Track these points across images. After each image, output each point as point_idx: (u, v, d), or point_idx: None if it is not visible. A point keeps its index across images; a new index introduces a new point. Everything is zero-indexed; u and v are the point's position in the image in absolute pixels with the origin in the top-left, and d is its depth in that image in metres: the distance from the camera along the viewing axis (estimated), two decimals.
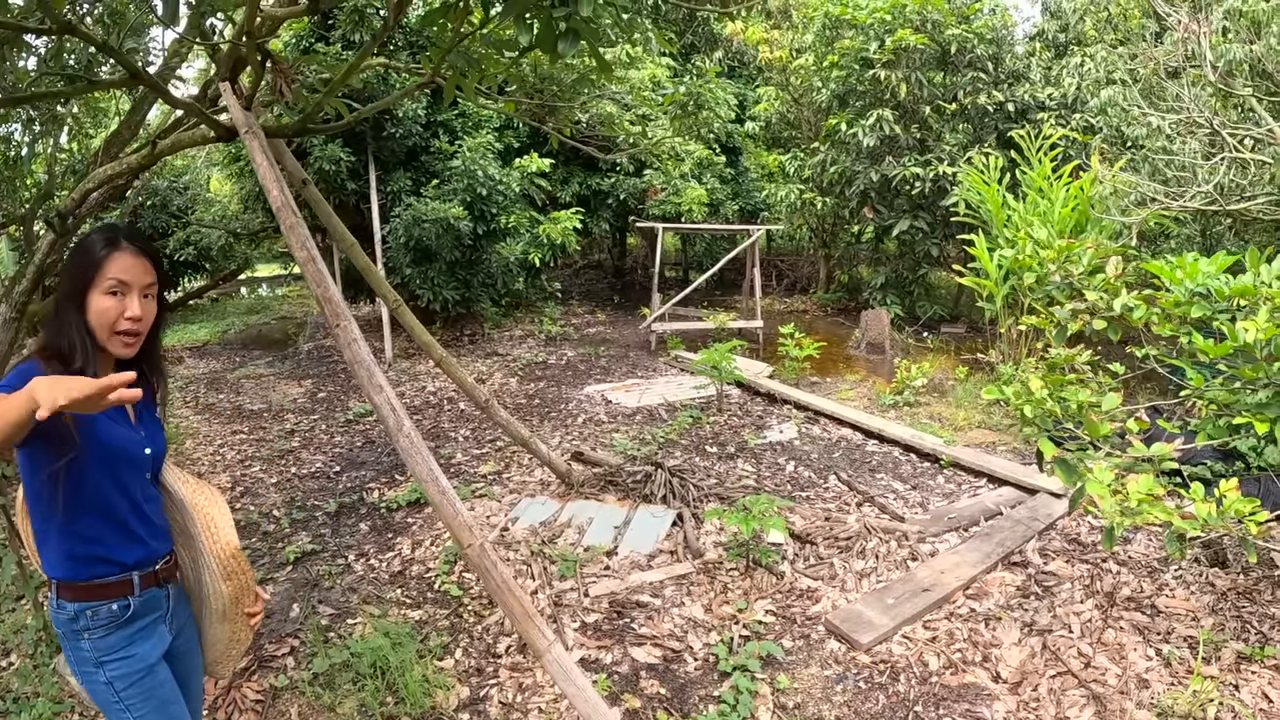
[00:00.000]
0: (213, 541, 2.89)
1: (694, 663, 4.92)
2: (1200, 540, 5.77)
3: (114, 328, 2.59)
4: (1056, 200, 11.50)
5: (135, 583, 2.69)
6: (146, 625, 2.74)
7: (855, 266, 20.32)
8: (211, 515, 2.91)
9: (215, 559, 2.90)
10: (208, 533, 2.89)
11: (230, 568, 2.94)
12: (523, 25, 3.17)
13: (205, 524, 2.89)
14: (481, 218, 14.18)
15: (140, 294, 2.64)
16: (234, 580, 2.96)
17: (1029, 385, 4.73)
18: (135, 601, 2.69)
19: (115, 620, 2.64)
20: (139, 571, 2.71)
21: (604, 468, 7.71)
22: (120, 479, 2.62)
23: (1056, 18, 18.98)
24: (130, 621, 2.68)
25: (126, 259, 2.61)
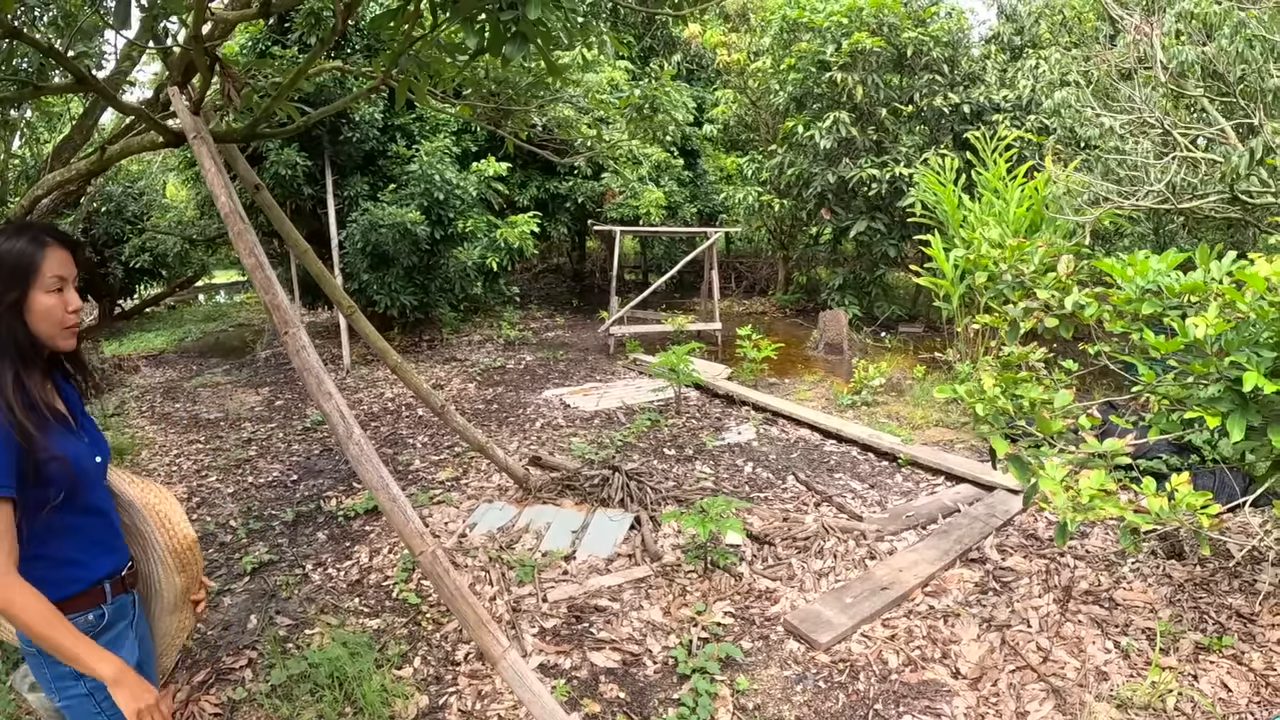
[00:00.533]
0: (169, 536, 2.91)
1: (653, 666, 4.91)
2: (1157, 532, 5.81)
3: (63, 322, 2.58)
4: (1011, 200, 11.59)
5: (107, 591, 2.70)
6: (119, 632, 2.74)
7: (813, 268, 20.40)
8: (165, 511, 2.93)
9: (171, 553, 2.92)
10: (163, 529, 2.90)
11: (186, 560, 2.98)
12: (470, 29, 3.15)
13: (159, 521, 2.91)
14: (439, 222, 14.11)
15: (72, 286, 2.63)
16: (188, 571, 3.00)
17: (982, 384, 4.76)
18: (109, 610, 2.70)
19: (92, 630, 2.61)
20: (110, 579, 2.72)
21: (562, 472, 7.68)
22: (85, 496, 2.62)
23: (1012, 21, 19.10)
24: (106, 630, 2.67)
25: (59, 254, 2.59)
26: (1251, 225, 9.07)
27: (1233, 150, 7.79)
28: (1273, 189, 7.62)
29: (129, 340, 18.51)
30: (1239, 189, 7.82)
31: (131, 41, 5.64)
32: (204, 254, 20.13)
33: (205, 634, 5.49)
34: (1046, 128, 14.22)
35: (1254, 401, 4.01)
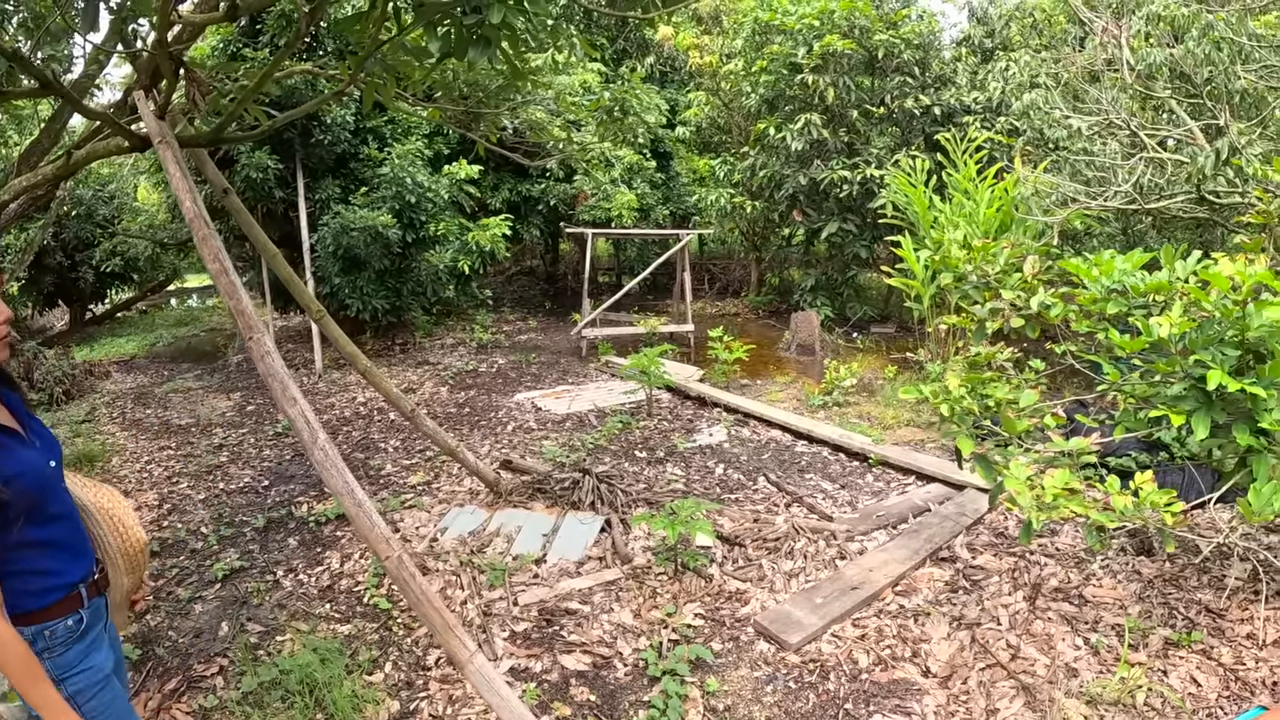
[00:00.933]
0: (123, 540, 2.91)
1: (624, 669, 4.92)
2: (1126, 529, 5.84)
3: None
4: (981, 201, 11.65)
5: (84, 595, 2.68)
6: (96, 636, 2.72)
7: (786, 269, 20.42)
8: (117, 514, 2.93)
9: (122, 555, 2.92)
10: (116, 532, 2.90)
11: (136, 562, 2.99)
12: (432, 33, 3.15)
13: (113, 524, 2.90)
14: (411, 225, 14.08)
15: (2, 295, 2.56)
16: (135, 574, 3.01)
17: (947, 384, 4.78)
18: (86, 613, 2.68)
19: (72, 635, 2.61)
20: (84, 583, 2.69)
21: (532, 475, 7.68)
22: (49, 505, 2.58)
23: (983, 23, 19.21)
24: (84, 634, 2.66)
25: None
26: (1219, 225, 9.14)
27: (1200, 151, 7.85)
28: (1239, 189, 7.68)
29: (100, 345, 18.37)
30: (1206, 189, 7.88)
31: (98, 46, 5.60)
32: (176, 258, 20.06)
33: (177, 642, 5.47)
34: (1016, 129, 14.29)
35: (1219, 399, 4.03)
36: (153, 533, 7.27)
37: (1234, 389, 3.76)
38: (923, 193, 12.49)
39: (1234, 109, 8.99)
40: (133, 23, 5.46)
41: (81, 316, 21.66)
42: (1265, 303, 3.91)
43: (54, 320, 22.23)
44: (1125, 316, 4.49)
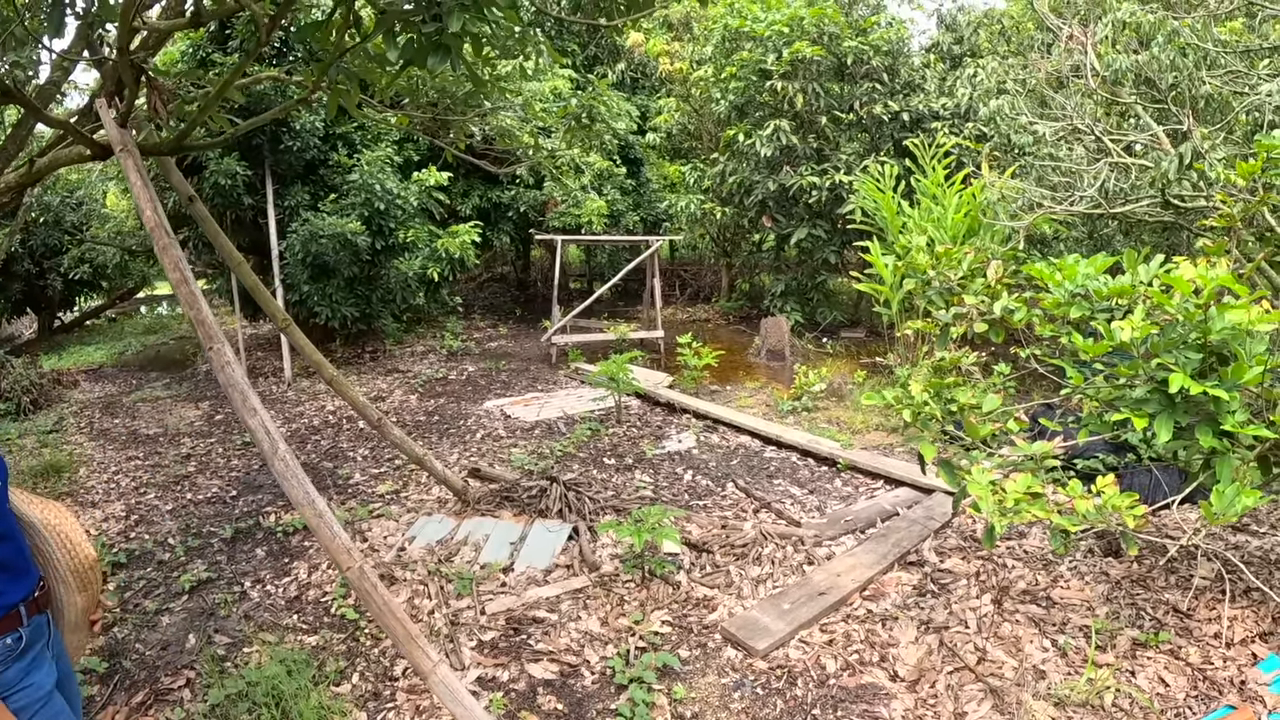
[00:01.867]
0: (70, 556, 2.87)
1: (591, 677, 4.91)
2: (1093, 531, 5.87)
3: None
4: (949, 206, 11.72)
5: (23, 613, 2.64)
6: (37, 654, 2.68)
7: (756, 274, 20.48)
8: (65, 531, 2.89)
9: (73, 573, 2.88)
10: (64, 549, 2.86)
11: (87, 579, 2.93)
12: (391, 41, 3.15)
13: (60, 541, 2.86)
14: (380, 232, 14.05)
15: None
16: (88, 591, 2.96)
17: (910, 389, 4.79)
18: (25, 632, 2.64)
19: (11, 653, 2.58)
20: (24, 602, 2.66)
21: (501, 483, 7.67)
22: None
23: (951, 30, 19.33)
24: (24, 653, 2.62)
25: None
26: (1184, 228, 9.20)
27: (1164, 156, 7.91)
28: (1204, 193, 7.74)
29: (68, 354, 18.27)
30: (1171, 193, 7.93)
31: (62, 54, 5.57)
32: (145, 265, 19.95)
33: (144, 654, 5.43)
34: (983, 135, 14.39)
35: (1182, 402, 4.06)
36: (120, 544, 7.22)
37: (1196, 391, 3.79)
38: (891, 198, 12.56)
39: (1198, 114, 9.07)
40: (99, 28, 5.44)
41: (50, 324, 21.55)
42: (1227, 306, 3.94)
43: (22, 329, 22.10)
44: (1089, 320, 4.51)
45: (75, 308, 22.98)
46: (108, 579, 6.62)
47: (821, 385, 10.90)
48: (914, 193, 13.06)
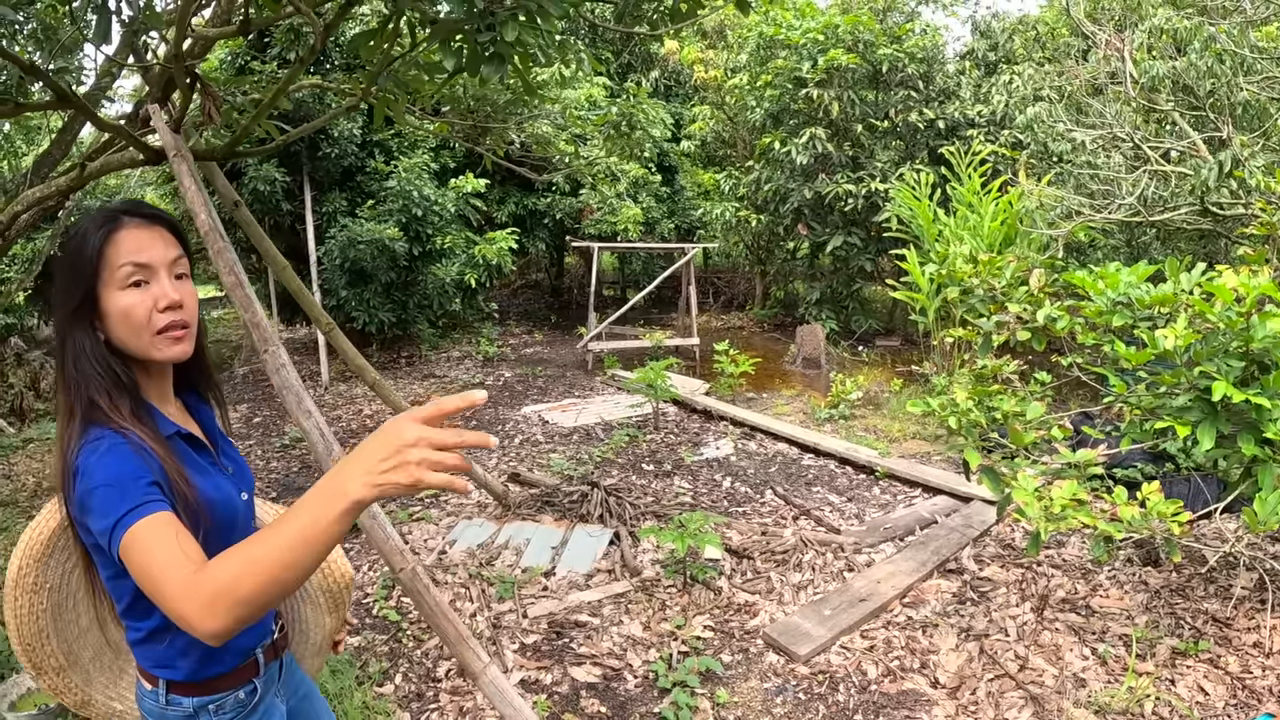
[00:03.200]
0: (325, 576, 2.57)
1: (634, 680, 4.94)
2: (1133, 540, 5.87)
3: (152, 326, 1.92)
4: (986, 214, 11.68)
5: (260, 662, 2.20)
6: (268, 706, 2.24)
7: (790, 282, 20.42)
8: None
9: (325, 593, 2.59)
10: (321, 569, 2.55)
11: (340, 599, 2.66)
12: (448, 50, 3.18)
13: None
14: (417, 238, 14.10)
15: (170, 273, 1.96)
16: (339, 611, 2.69)
17: (955, 397, 4.81)
18: (259, 683, 2.19)
19: (243, 708, 2.14)
20: (260, 647, 2.21)
21: (541, 488, 7.71)
22: (232, 540, 1.88)
23: (986, 37, 19.24)
24: (256, 706, 2.18)
25: (135, 234, 1.92)
26: (1223, 236, 9.17)
27: (1203, 163, 7.89)
28: (1243, 200, 7.72)
29: None
30: (1209, 201, 7.91)
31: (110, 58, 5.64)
32: None
33: None
34: (1020, 142, 14.33)
35: (1224, 410, 4.06)
36: None
37: (1238, 400, 3.80)
38: (927, 206, 12.52)
39: (1236, 121, 9.04)
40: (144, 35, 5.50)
41: None
42: (1269, 314, 3.95)
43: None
44: (1130, 329, 4.52)
45: None
46: None
47: (858, 393, 10.89)
48: (950, 200, 13.02)
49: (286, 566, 1.47)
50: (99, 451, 1.78)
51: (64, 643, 2.27)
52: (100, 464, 1.75)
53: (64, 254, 1.95)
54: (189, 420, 2.16)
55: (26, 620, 2.19)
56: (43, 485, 9.01)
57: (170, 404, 2.10)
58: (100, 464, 1.75)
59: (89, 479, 1.75)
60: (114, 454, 1.77)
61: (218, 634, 1.50)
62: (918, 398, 5.03)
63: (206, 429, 2.19)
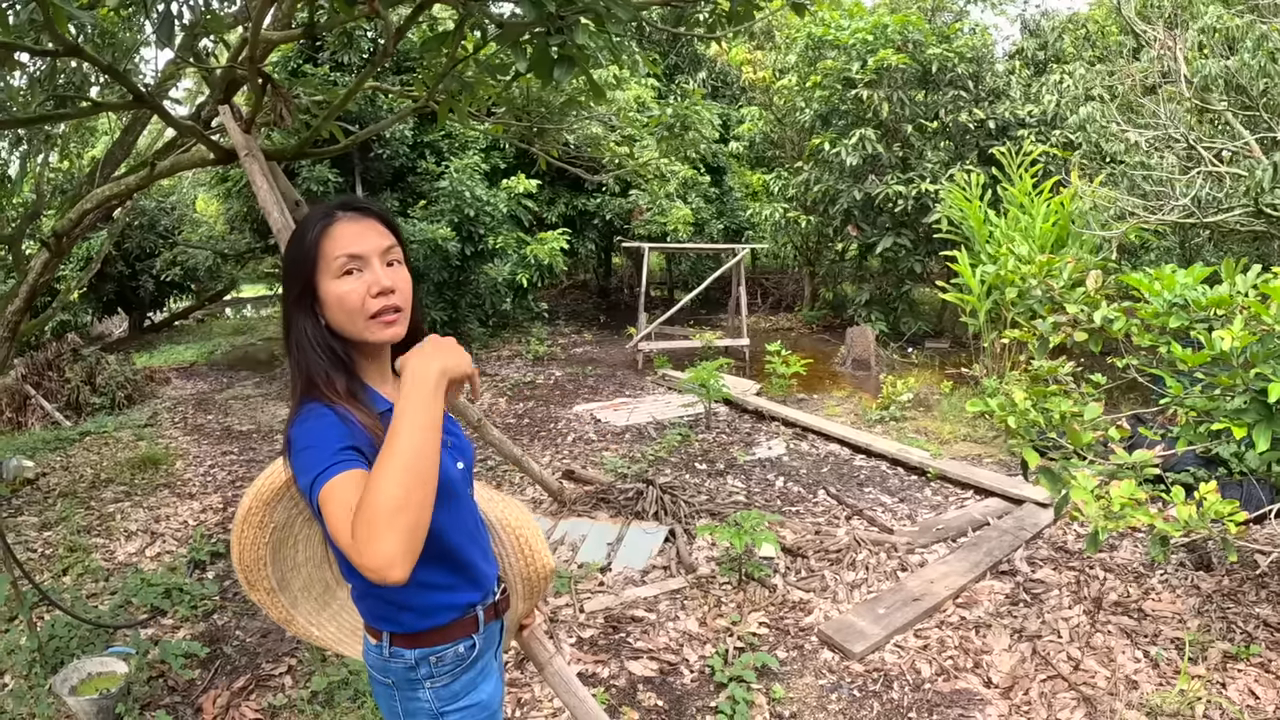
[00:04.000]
0: (527, 564, 2.62)
1: (690, 675, 4.99)
2: (1184, 544, 5.88)
3: (366, 311, 2.05)
4: (1037, 216, 11.63)
5: (480, 618, 2.30)
6: (486, 663, 2.36)
7: (839, 284, 20.35)
8: (526, 536, 2.63)
9: (523, 580, 2.63)
10: (521, 554, 2.61)
11: (538, 589, 2.70)
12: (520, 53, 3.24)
13: (519, 545, 2.61)
14: (469, 238, 14.23)
15: (382, 261, 2.09)
16: (532, 600, 2.73)
17: (1013, 397, 4.83)
18: (479, 639, 2.30)
19: (461, 662, 2.26)
20: (482, 605, 2.32)
21: (595, 485, 7.78)
22: (447, 512, 2.14)
23: (1036, 36, 19.16)
24: (474, 662, 2.30)
25: (348, 227, 2.08)
26: (1277, 238, 9.11)
27: (1257, 164, 7.85)
28: None
29: (159, 353, 18.67)
30: (1264, 202, 7.87)
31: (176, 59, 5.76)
32: (234, 269, 20.32)
33: (244, 641, 5.58)
34: (1071, 143, 14.25)
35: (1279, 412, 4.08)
36: (218, 534, 7.40)
37: None
38: (978, 207, 12.47)
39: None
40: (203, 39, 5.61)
41: (140, 324, 22.03)
42: None
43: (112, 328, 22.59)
44: (1187, 330, 4.53)
45: (165, 308, 23.47)
46: (206, 568, 6.81)
47: (908, 395, 10.88)
48: (1000, 202, 12.98)
49: (417, 456, 1.71)
50: (307, 421, 1.94)
51: (278, 572, 2.55)
52: (305, 431, 1.92)
53: (288, 248, 2.13)
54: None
55: (249, 549, 2.48)
56: (100, 476, 9.17)
57: (389, 383, 2.23)
58: (305, 431, 1.92)
59: (297, 444, 1.91)
60: (319, 422, 1.93)
61: (389, 559, 1.63)
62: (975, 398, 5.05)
63: None
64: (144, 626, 5.76)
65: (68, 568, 6.84)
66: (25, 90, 6.27)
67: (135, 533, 7.61)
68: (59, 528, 7.65)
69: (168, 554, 7.13)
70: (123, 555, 7.17)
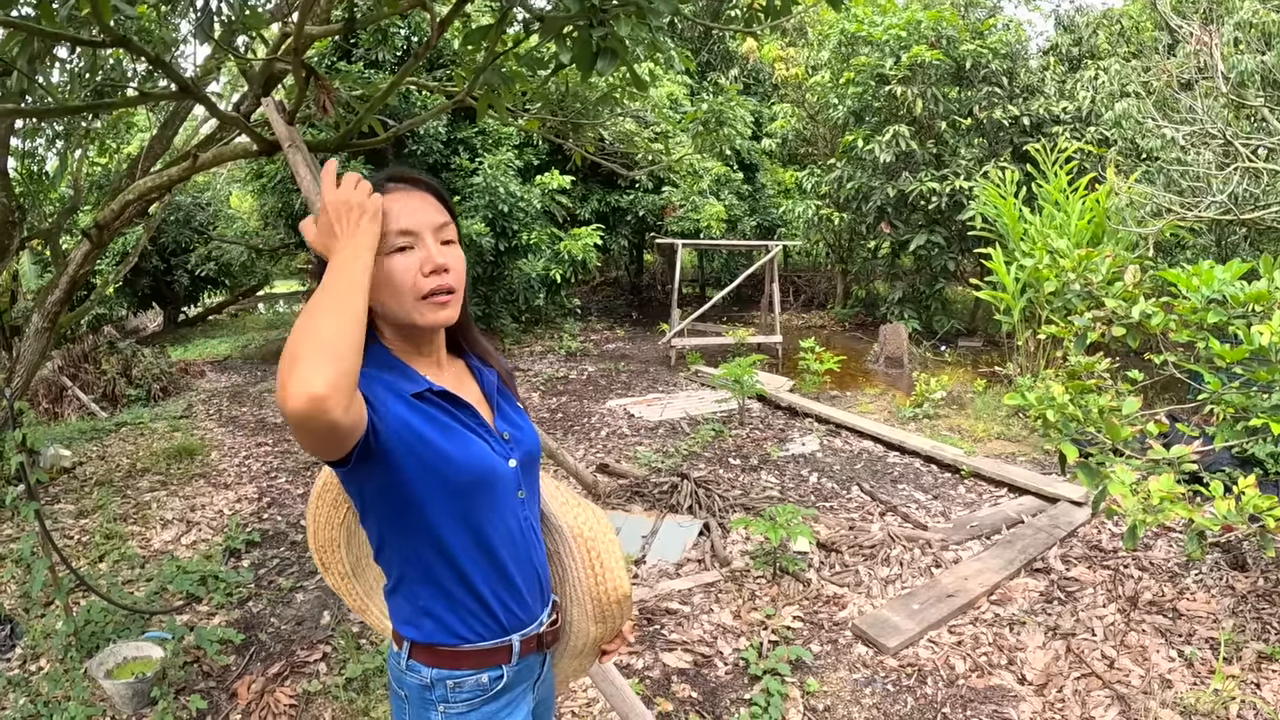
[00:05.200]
0: (596, 581, 2.28)
1: (724, 667, 5.01)
2: (1219, 544, 5.85)
3: (417, 291, 1.88)
4: (1073, 213, 11.56)
5: (515, 649, 2.05)
6: (516, 697, 2.11)
7: (872, 282, 20.31)
8: (599, 550, 2.29)
9: (594, 600, 2.28)
10: (591, 570, 2.28)
11: (610, 613, 2.32)
12: (563, 45, 3.26)
13: (589, 559, 2.29)
14: (503, 234, 14.28)
15: (436, 239, 1.92)
16: (607, 624, 2.35)
17: (1051, 391, 4.82)
18: (510, 671, 2.05)
19: (483, 693, 2.02)
20: (520, 635, 2.06)
21: (629, 479, 7.80)
22: (488, 512, 1.97)
23: (1070, 32, 19.06)
24: (499, 695, 2.05)
25: (401, 200, 1.90)
26: None
27: None
28: None
29: (193, 346, 18.81)
30: None
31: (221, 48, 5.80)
32: (267, 264, 20.45)
33: (279, 628, 5.63)
34: (1107, 139, 14.19)
35: None
36: (253, 524, 7.47)
37: None
38: (1012, 204, 12.41)
39: None
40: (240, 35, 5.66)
41: (175, 318, 22.21)
42: None
43: (146, 322, 22.77)
44: (1225, 326, 4.52)
45: (199, 303, 23.64)
46: (241, 556, 6.86)
47: (941, 393, 10.84)
48: (1035, 199, 12.91)
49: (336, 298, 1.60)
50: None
51: (352, 555, 2.35)
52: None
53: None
54: (466, 382, 2.14)
55: (323, 528, 2.29)
56: (136, 466, 9.26)
57: (440, 367, 2.07)
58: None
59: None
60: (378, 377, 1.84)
61: (307, 380, 1.48)
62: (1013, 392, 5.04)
63: (487, 391, 2.15)
64: (179, 613, 5.81)
65: (104, 554, 6.92)
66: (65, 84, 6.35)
67: (171, 521, 7.67)
68: (95, 515, 7.73)
69: (203, 542, 7.19)
70: (158, 543, 7.24)
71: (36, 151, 8.96)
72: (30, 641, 5.45)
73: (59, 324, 7.17)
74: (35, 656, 5.32)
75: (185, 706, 4.69)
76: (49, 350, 7.59)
